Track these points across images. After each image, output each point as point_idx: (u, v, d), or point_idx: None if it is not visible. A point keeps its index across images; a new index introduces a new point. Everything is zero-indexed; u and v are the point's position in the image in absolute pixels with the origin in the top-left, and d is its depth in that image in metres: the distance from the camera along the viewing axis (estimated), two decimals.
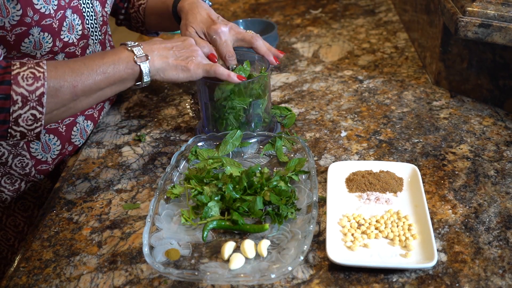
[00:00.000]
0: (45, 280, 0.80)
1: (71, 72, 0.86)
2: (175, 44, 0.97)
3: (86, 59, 0.89)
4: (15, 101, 0.81)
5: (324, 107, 1.18)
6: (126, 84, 0.92)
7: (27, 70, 0.83)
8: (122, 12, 1.25)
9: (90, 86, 0.87)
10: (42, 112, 0.83)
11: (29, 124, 0.83)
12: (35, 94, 0.82)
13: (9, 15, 0.88)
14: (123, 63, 0.89)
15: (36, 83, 0.82)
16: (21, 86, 0.81)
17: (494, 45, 1.09)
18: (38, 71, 0.83)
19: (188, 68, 0.94)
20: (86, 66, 0.87)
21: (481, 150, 1.01)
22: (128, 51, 0.91)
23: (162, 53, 0.94)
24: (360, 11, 1.68)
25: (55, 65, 0.86)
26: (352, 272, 0.77)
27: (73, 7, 0.98)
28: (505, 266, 0.77)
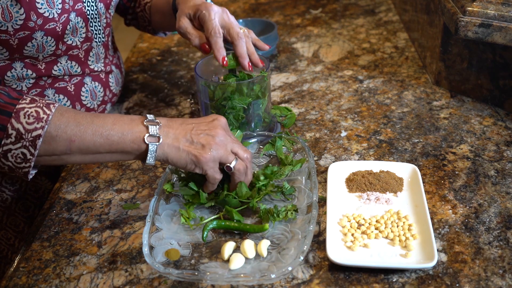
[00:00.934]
0: (45, 280, 0.80)
1: (75, 126, 0.80)
2: (197, 124, 0.85)
3: (98, 117, 0.82)
4: (8, 135, 0.77)
5: (324, 107, 1.18)
6: (127, 157, 0.83)
7: (33, 108, 0.78)
8: (130, 12, 1.25)
9: (88, 146, 0.80)
10: (34, 154, 0.78)
11: (18, 162, 0.79)
12: (31, 135, 0.77)
13: (12, 19, 0.88)
14: (131, 136, 0.81)
15: (36, 123, 0.77)
16: (20, 122, 0.77)
17: (494, 45, 1.09)
18: (43, 112, 0.78)
19: (199, 161, 0.82)
20: (93, 124, 0.80)
21: (481, 150, 1.01)
22: (142, 126, 0.81)
23: (178, 134, 0.83)
24: (360, 11, 1.68)
25: (62, 112, 0.80)
26: (352, 272, 0.77)
27: (77, 10, 0.97)
28: (505, 266, 0.77)
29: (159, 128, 0.82)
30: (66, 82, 1.04)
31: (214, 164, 0.83)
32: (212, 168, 0.83)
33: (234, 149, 0.85)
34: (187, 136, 0.83)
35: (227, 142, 0.84)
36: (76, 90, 1.06)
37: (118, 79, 1.18)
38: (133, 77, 1.37)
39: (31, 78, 0.99)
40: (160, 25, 1.24)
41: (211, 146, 0.82)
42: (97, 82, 1.10)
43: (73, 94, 1.05)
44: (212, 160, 0.82)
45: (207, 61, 1.07)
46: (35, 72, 0.98)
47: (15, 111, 0.77)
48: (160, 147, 0.81)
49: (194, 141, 0.82)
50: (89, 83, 1.08)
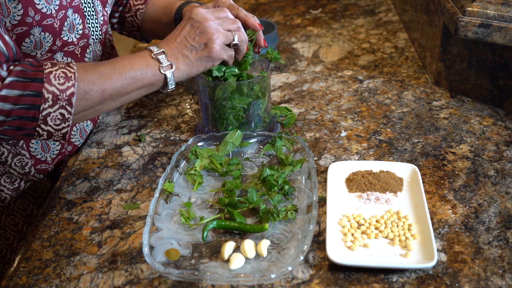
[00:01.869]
0: (45, 280, 0.80)
1: (102, 76, 0.87)
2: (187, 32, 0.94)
3: (115, 63, 0.90)
4: (46, 99, 0.81)
5: (324, 107, 1.18)
6: (153, 88, 0.94)
7: (59, 70, 0.83)
8: (116, 15, 1.24)
9: (118, 90, 0.89)
10: (71, 112, 0.84)
11: (57, 123, 0.84)
12: (66, 94, 0.83)
13: (10, 15, 0.88)
14: (151, 70, 0.91)
15: (67, 82, 0.83)
16: (53, 84, 0.82)
17: (494, 45, 1.09)
18: (69, 71, 0.84)
19: (211, 57, 0.94)
20: (115, 70, 0.88)
21: (481, 150, 1.01)
22: (154, 59, 0.92)
23: (183, 51, 0.93)
24: (360, 11, 1.68)
25: (85, 67, 0.87)
26: (352, 272, 0.77)
27: (74, 6, 0.98)
28: (505, 266, 0.77)
29: (167, 56, 0.92)
30: None
31: (224, 49, 0.95)
32: (225, 52, 0.95)
33: (225, 27, 0.95)
34: (187, 46, 0.93)
35: (218, 27, 0.94)
36: None
37: None
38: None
39: None
40: (151, 32, 1.23)
41: (212, 39, 0.93)
42: None
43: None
44: (220, 48, 0.94)
45: None
46: None
47: (45, 76, 0.82)
48: (176, 71, 0.92)
49: (196, 46, 0.93)
50: None
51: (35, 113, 0.82)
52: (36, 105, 0.81)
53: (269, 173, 0.92)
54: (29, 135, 0.84)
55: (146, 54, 0.92)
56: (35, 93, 0.81)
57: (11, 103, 0.80)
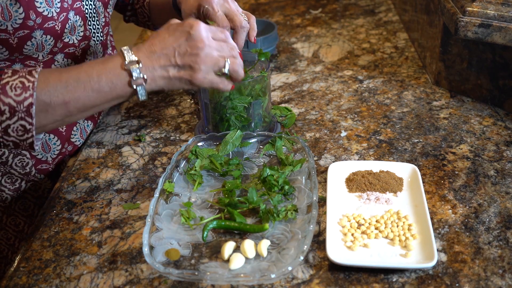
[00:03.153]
0: (45, 280, 0.80)
1: (64, 88, 0.80)
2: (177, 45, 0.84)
3: (80, 72, 0.82)
4: (2, 111, 0.78)
5: (324, 107, 1.18)
6: (124, 99, 0.86)
7: (17, 79, 0.79)
8: (129, 8, 1.25)
9: (84, 103, 0.82)
10: (32, 123, 0.80)
11: (19, 134, 0.80)
12: (23, 105, 0.78)
13: (12, 18, 0.88)
14: (121, 83, 0.82)
15: (24, 93, 0.78)
16: (9, 96, 0.78)
17: (494, 45, 1.09)
18: (28, 80, 0.79)
19: (192, 82, 0.85)
20: (80, 82, 0.81)
21: (481, 150, 1.01)
22: (124, 71, 0.82)
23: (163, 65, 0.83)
24: (360, 11, 1.68)
25: (47, 77, 0.81)
26: (352, 272, 0.77)
27: (75, 8, 0.98)
28: (505, 266, 0.77)
29: (141, 67, 0.82)
30: None
31: (209, 77, 0.85)
32: (209, 81, 0.86)
33: (221, 53, 0.86)
34: (172, 62, 0.83)
35: (212, 51, 0.85)
36: None
37: None
38: None
39: None
40: (159, 21, 1.23)
41: (199, 64, 0.83)
42: None
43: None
44: (204, 76, 0.84)
45: None
46: None
47: (1, 87, 0.79)
48: (150, 84, 0.83)
49: (180, 65, 0.83)
50: None
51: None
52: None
53: (269, 173, 0.92)
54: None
55: (117, 63, 0.82)
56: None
57: None
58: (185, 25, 0.85)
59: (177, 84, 0.85)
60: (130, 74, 0.82)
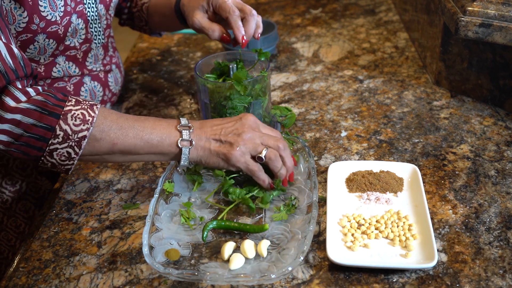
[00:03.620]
0: (44, 280, 0.80)
1: (118, 129, 0.85)
2: (226, 125, 0.89)
3: (137, 121, 0.87)
4: (56, 135, 0.81)
5: (324, 107, 1.18)
6: (165, 158, 0.89)
7: (79, 110, 0.82)
8: (125, 11, 1.25)
9: (129, 148, 0.86)
10: (78, 153, 0.83)
11: (62, 159, 0.83)
12: (77, 136, 0.82)
13: (16, 22, 0.88)
14: (169, 140, 0.86)
15: (82, 125, 0.82)
16: (68, 123, 0.81)
17: (495, 45, 1.09)
18: (89, 114, 0.83)
19: (228, 158, 0.86)
20: (134, 128, 0.85)
21: (481, 150, 1.01)
22: (177, 131, 0.87)
23: (209, 137, 0.87)
24: (360, 11, 1.68)
25: (105, 115, 0.85)
26: (352, 272, 0.77)
27: (78, 11, 0.97)
28: (505, 266, 0.77)
29: (191, 132, 0.87)
30: (65, 82, 1.04)
31: (245, 158, 0.87)
32: (244, 162, 0.87)
33: (264, 141, 0.88)
34: (216, 137, 0.87)
35: (255, 137, 0.87)
36: (75, 90, 1.05)
37: (118, 78, 1.18)
38: (133, 77, 1.37)
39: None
40: (158, 25, 1.23)
41: (239, 143, 0.86)
42: (96, 82, 1.09)
43: (72, 94, 1.05)
44: (240, 155, 0.86)
45: (207, 61, 1.07)
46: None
47: (63, 113, 0.81)
48: (193, 150, 0.87)
49: (223, 141, 0.87)
50: (88, 82, 1.08)
51: (43, 145, 0.81)
52: (46, 138, 0.81)
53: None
54: (34, 161, 0.84)
55: (172, 123, 0.88)
56: (48, 127, 0.80)
57: (22, 129, 0.80)
58: (239, 115, 0.91)
59: (214, 159, 0.87)
60: (180, 134, 0.87)
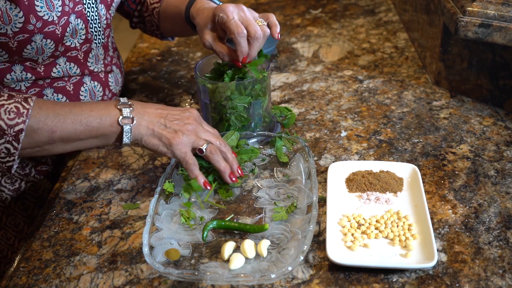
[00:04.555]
0: (45, 280, 0.80)
1: (54, 117, 0.84)
2: (172, 112, 0.91)
3: (75, 106, 0.87)
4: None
5: (324, 107, 1.18)
6: (108, 141, 0.89)
7: (12, 104, 0.82)
8: (136, 14, 1.22)
9: (69, 135, 0.85)
10: (17, 148, 0.82)
11: (1, 156, 0.83)
12: (14, 130, 0.81)
13: (12, 23, 0.88)
14: (109, 120, 0.86)
15: (17, 118, 0.81)
16: (2, 118, 0.81)
17: (494, 45, 1.09)
18: (23, 107, 0.82)
19: (170, 143, 0.88)
20: (72, 113, 0.85)
21: (481, 150, 1.01)
22: (117, 109, 0.87)
23: (152, 118, 0.89)
24: (360, 11, 1.68)
25: (41, 105, 0.84)
26: (352, 272, 0.77)
27: (77, 12, 0.97)
28: (505, 266, 0.77)
29: (132, 110, 0.88)
30: (65, 81, 1.04)
31: (186, 148, 0.88)
32: (184, 152, 0.88)
33: (206, 137, 0.90)
34: (161, 120, 0.89)
35: (198, 130, 0.90)
36: (75, 90, 1.05)
37: (118, 78, 1.18)
38: (133, 77, 1.37)
39: (31, 80, 0.99)
40: (170, 31, 1.21)
41: (183, 132, 0.88)
42: (96, 82, 1.09)
43: (72, 94, 1.05)
44: (183, 144, 0.88)
45: (207, 61, 1.07)
46: (34, 75, 0.98)
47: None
48: (135, 128, 0.87)
49: (167, 126, 0.89)
50: (88, 82, 1.08)
51: None
52: None
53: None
54: None
55: (111, 102, 0.89)
56: None
57: None
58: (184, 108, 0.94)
59: (155, 141, 0.88)
60: (120, 112, 0.87)
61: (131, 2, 1.21)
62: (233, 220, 0.86)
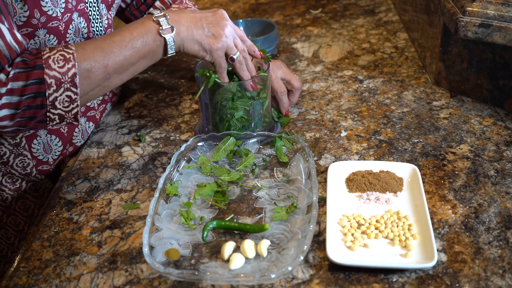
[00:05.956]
0: (45, 280, 0.80)
1: (101, 52, 0.86)
2: (205, 15, 0.94)
3: (114, 35, 0.89)
4: (49, 85, 0.82)
5: (324, 107, 1.18)
6: (156, 56, 0.93)
7: (57, 53, 0.84)
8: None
9: (121, 63, 0.88)
10: (77, 93, 0.85)
11: (65, 106, 0.85)
12: (68, 76, 0.83)
13: (16, 15, 0.88)
14: (151, 36, 0.89)
15: (67, 64, 0.84)
16: (53, 69, 0.83)
17: (494, 45, 1.09)
18: (67, 53, 0.84)
19: (211, 48, 0.93)
20: (115, 43, 0.88)
21: (481, 150, 1.01)
22: (154, 23, 0.90)
23: (190, 24, 0.92)
24: (360, 11, 1.68)
25: (83, 46, 0.87)
26: (352, 272, 0.77)
27: (79, 10, 0.98)
28: (505, 266, 0.77)
29: (169, 18, 0.91)
30: None
31: (222, 53, 0.95)
32: (221, 57, 0.95)
33: (237, 43, 0.96)
34: (197, 24, 0.92)
35: (232, 34, 0.95)
36: None
37: None
38: (133, 77, 1.37)
39: None
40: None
41: (221, 36, 0.93)
42: None
43: None
44: (221, 49, 0.94)
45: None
46: None
47: (44, 62, 0.83)
48: (176, 36, 0.91)
49: (206, 30, 0.93)
50: None
51: (43, 100, 0.83)
52: (41, 92, 0.83)
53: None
54: (42, 122, 0.86)
55: (146, 18, 0.91)
56: (38, 80, 0.82)
57: (18, 95, 0.82)
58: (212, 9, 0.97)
59: (196, 48, 0.93)
60: (158, 24, 0.90)
61: (134, 9, 1.20)
62: (233, 220, 0.86)
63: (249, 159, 0.97)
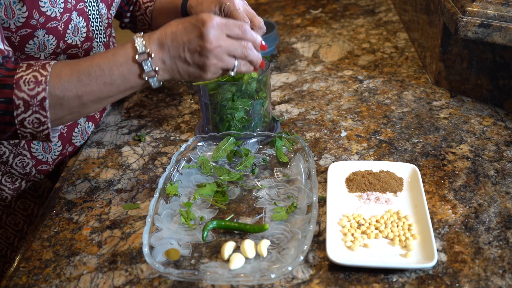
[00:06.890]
0: (45, 280, 0.80)
1: (77, 82, 0.83)
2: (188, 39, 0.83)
3: (92, 67, 0.84)
4: (17, 106, 0.81)
5: (324, 107, 1.18)
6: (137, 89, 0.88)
7: (30, 74, 0.82)
8: (128, 15, 1.23)
9: (97, 96, 0.85)
10: (46, 116, 0.82)
11: (35, 126, 0.83)
12: (37, 99, 0.81)
13: (15, 17, 0.88)
14: (133, 77, 0.84)
15: (37, 87, 0.81)
16: (23, 90, 0.81)
17: (494, 45, 1.09)
18: (41, 74, 0.82)
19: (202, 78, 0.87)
20: (92, 77, 0.83)
21: (481, 150, 1.01)
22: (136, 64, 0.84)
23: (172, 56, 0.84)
24: (360, 11, 1.68)
25: (59, 71, 0.83)
26: (352, 272, 0.77)
27: (79, 9, 0.97)
28: (505, 266, 0.77)
29: (152, 59, 0.83)
30: None
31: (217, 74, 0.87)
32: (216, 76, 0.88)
33: (231, 52, 0.85)
34: (181, 56, 0.84)
35: (221, 54, 0.84)
36: None
37: None
38: None
39: None
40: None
41: (208, 66, 0.84)
42: None
43: None
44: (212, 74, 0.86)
45: None
46: None
47: (15, 82, 0.81)
48: (161, 75, 0.85)
49: (190, 63, 0.85)
50: None
51: (11, 119, 0.81)
52: (9, 111, 0.81)
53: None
54: (14, 137, 0.84)
55: (129, 55, 0.84)
56: (7, 100, 0.80)
57: None
58: (198, 20, 0.84)
59: (186, 78, 0.88)
60: (141, 67, 0.84)
61: (123, 4, 1.20)
62: (233, 220, 0.86)
63: (249, 159, 0.97)
